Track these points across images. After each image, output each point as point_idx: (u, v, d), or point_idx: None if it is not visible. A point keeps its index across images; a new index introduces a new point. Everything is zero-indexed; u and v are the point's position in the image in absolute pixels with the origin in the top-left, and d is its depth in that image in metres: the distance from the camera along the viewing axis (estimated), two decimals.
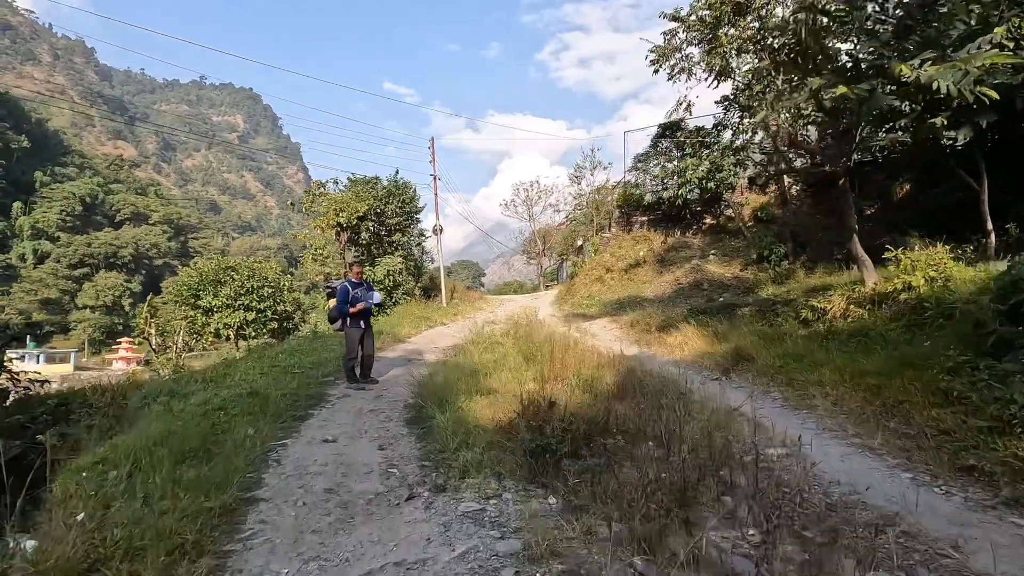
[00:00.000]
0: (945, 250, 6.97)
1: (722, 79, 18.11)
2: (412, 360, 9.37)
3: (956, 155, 12.37)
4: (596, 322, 15.45)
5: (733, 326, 10.28)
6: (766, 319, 10.51)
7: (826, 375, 6.24)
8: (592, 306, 19.42)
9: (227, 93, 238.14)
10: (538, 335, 10.86)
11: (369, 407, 6.06)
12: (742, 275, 16.87)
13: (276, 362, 8.32)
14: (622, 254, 21.76)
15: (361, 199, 18.24)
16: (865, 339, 6.95)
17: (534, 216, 38.81)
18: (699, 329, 10.85)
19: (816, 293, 9.50)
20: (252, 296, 18.03)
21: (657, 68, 18.12)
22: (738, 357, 8.11)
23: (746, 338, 8.91)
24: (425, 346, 11.30)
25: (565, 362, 7.76)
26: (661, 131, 20.80)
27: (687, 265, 18.47)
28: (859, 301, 8.06)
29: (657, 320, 12.51)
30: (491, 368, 7.74)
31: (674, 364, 8.95)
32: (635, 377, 7.34)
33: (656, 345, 10.77)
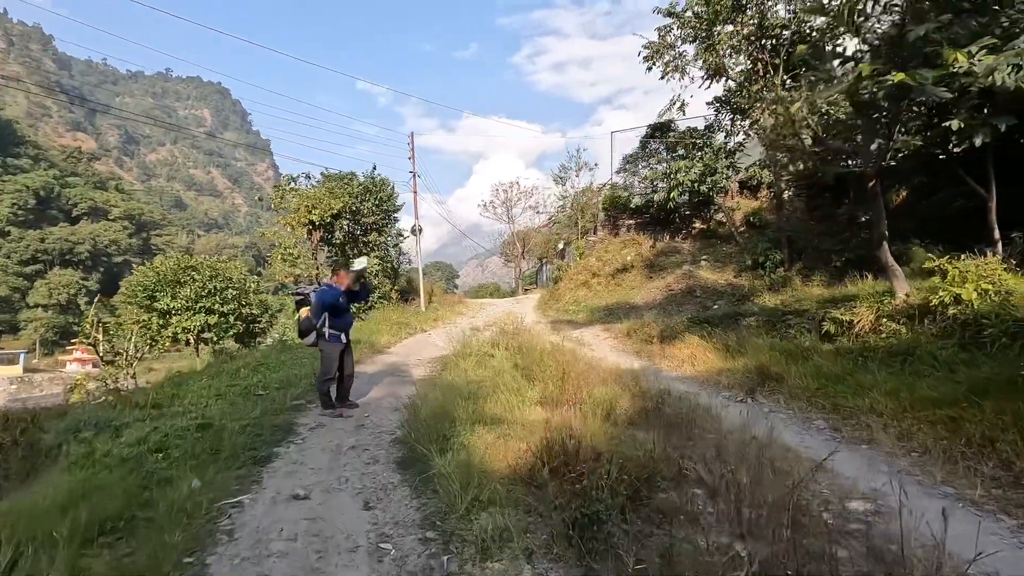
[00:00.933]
0: (997, 260, 6.28)
1: (716, 79, 17.54)
2: (395, 375, 8.30)
3: (962, 161, 11.89)
4: (587, 330, 14.58)
5: (742, 338, 9.51)
6: (777, 331, 9.79)
7: (880, 401, 5.45)
8: (579, 312, 18.58)
9: (194, 87, 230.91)
10: (532, 346, 9.94)
11: (349, 442, 4.99)
12: (736, 282, 16.24)
13: (236, 380, 7.14)
14: (609, 258, 21.00)
15: (336, 196, 17.02)
16: (912, 359, 6.20)
17: (513, 218, 37.94)
18: (705, 341, 10.07)
19: (835, 304, 8.79)
20: (215, 298, 16.63)
21: (650, 66, 17.43)
22: (762, 375, 7.29)
23: (764, 353, 8.13)
24: (407, 358, 10.22)
25: (571, 380, 6.83)
26: (651, 132, 20.12)
27: (678, 271, 17.77)
28: (891, 314, 7.35)
29: (656, 329, 11.70)
30: (488, 388, 6.75)
31: (687, 381, 8.12)
32: (651, 397, 6.48)
33: (660, 358, 9.93)
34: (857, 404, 5.59)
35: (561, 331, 14.75)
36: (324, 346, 6.13)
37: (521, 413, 5.75)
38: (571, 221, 24.35)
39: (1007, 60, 5.62)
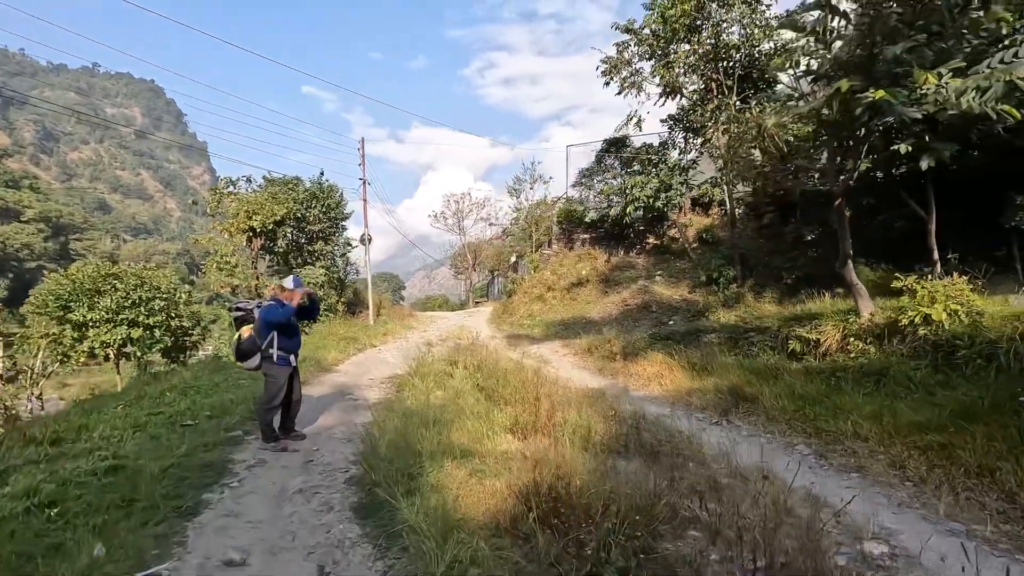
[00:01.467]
0: (963, 281, 6.33)
1: (671, 97, 17.78)
2: (346, 398, 7.55)
3: (904, 184, 12.38)
4: (545, 346, 14.19)
5: (707, 356, 9.36)
6: (739, 348, 9.72)
7: (862, 425, 5.27)
8: (535, 327, 18.21)
9: (124, 83, 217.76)
10: (493, 365, 9.42)
11: (296, 483, 4.28)
12: (691, 297, 16.34)
13: (160, 406, 6.20)
14: (564, 272, 20.81)
15: (279, 201, 15.97)
16: (886, 380, 6.12)
17: (465, 229, 37.37)
18: (668, 358, 9.86)
19: (798, 322, 8.76)
20: (139, 309, 15.14)
21: (608, 81, 17.48)
22: (735, 396, 7.07)
23: (733, 372, 7.95)
24: (358, 377, 9.44)
25: (541, 403, 6.35)
26: (606, 147, 20.17)
27: (634, 286, 17.75)
28: (858, 334, 7.32)
29: (619, 346, 11.43)
30: (451, 413, 6.17)
31: (657, 401, 7.82)
32: (626, 421, 6.10)
33: (625, 376, 9.63)
34: (840, 428, 5.39)
35: (518, 346, 14.30)
36: (270, 370, 5.38)
37: (492, 443, 5.21)
38: (525, 234, 24.07)
39: (976, 82, 5.64)
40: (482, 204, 36.69)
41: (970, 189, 12.63)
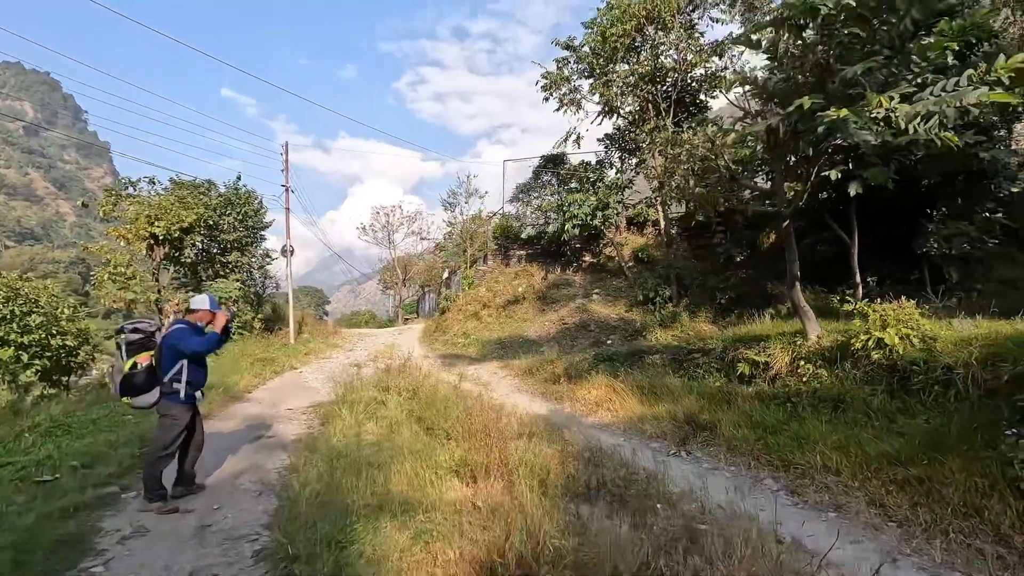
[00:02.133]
0: (912, 305, 6.33)
1: (608, 116, 17.86)
2: (259, 435, 6.47)
3: (829, 210, 12.91)
4: (483, 367, 13.49)
5: (652, 379, 9.05)
6: (684, 370, 9.49)
7: (830, 457, 4.99)
8: (470, 346, 17.48)
9: (12, 74, 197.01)
10: (431, 390, 8.63)
11: (186, 561, 3.30)
12: (628, 316, 16.27)
13: (12, 454, 4.87)
14: (500, 289, 20.27)
15: (188, 206, 14.35)
16: (843, 406, 5.94)
17: (394, 243, 36.06)
18: (614, 381, 9.47)
19: (744, 343, 8.63)
20: (10, 326, 12.95)
21: (547, 96, 17.31)
22: (692, 424, 6.71)
23: (685, 397, 7.64)
24: (275, 407, 8.30)
25: (488, 436, 5.67)
26: (544, 163, 19.98)
27: (571, 304, 17.48)
28: (808, 357, 7.20)
29: (561, 368, 10.95)
30: (387, 452, 5.34)
31: (608, 430, 7.33)
32: (582, 456, 5.54)
33: (570, 401, 9.12)
34: (808, 461, 5.08)
35: (454, 367, 13.51)
36: (171, 409, 4.39)
37: (437, 490, 4.45)
38: (459, 249, 23.36)
39: (925, 108, 5.64)
40: (413, 217, 35.64)
41: (885, 217, 13.33)
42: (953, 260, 12.54)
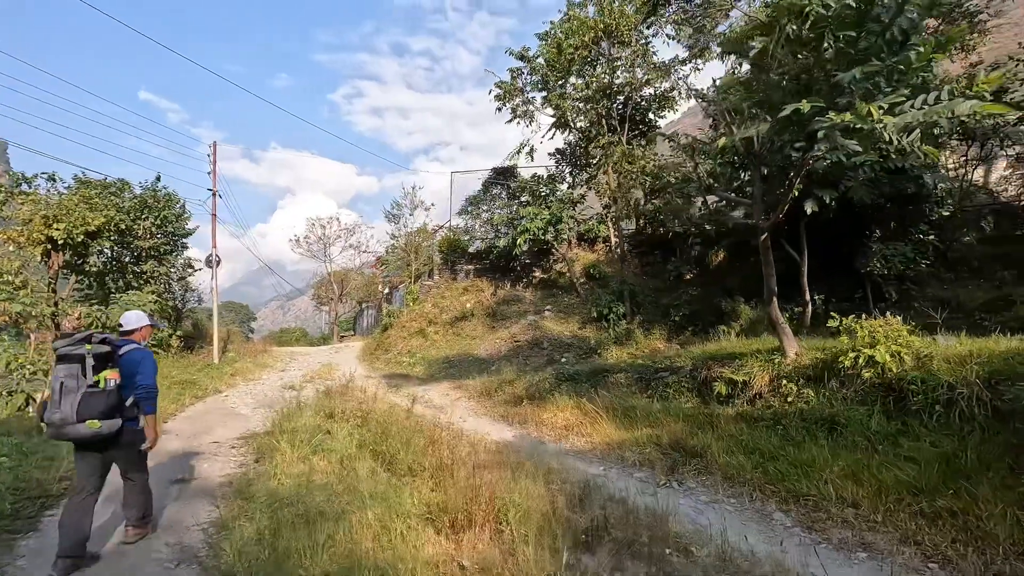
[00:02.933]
0: (898, 321, 6.14)
1: (561, 130, 17.61)
2: (177, 480, 5.29)
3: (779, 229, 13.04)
4: (433, 388, 12.54)
5: (619, 399, 8.55)
6: (652, 390, 9.06)
7: (842, 487, 4.57)
8: (415, 365, 16.44)
9: None
10: (382, 415, 7.70)
11: None
12: (581, 333, 15.85)
13: None
14: (446, 305, 19.38)
15: (96, 208, 12.62)
16: (838, 428, 5.61)
17: (331, 257, 34.25)
18: (581, 403, 8.89)
19: (717, 362, 8.29)
20: None
21: (500, 106, 16.84)
22: (678, 450, 6.18)
23: (665, 420, 7.14)
24: (197, 440, 7.03)
25: (460, 471, 4.89)
26: (494, 175, 19.44)
27: (523, 321, 16.87)
28: (789, 375, 6.91)
29: (522, 388, 10.25)
30: (341, 496, 4.41)
31: (587, 458, 6.68)
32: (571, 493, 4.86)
33: (536, 425, 8.42)
34: (818, 490, 4.64)
35: (401, 389, 12.49)
36: (137, 437, 3.84)
37: (410, 548, 3.60)
38: (403, 263, 22.28)
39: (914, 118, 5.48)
40: (351, 230, 34.07)
41: (827, 238, 13.65)
42: (891, 280, 13.00)
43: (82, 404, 3.48)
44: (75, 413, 3.46)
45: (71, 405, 3.47)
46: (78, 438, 3.52)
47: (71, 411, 3.46)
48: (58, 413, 3.44)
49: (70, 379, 3.51)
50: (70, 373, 3.52)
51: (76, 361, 3.57)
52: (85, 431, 3.48)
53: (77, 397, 3.49)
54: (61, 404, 3.46)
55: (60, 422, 3.43)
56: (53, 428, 3.48)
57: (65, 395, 3.48)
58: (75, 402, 3.48)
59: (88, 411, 3.50)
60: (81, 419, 3.47)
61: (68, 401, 3.47)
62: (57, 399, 3.47)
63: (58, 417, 3.42)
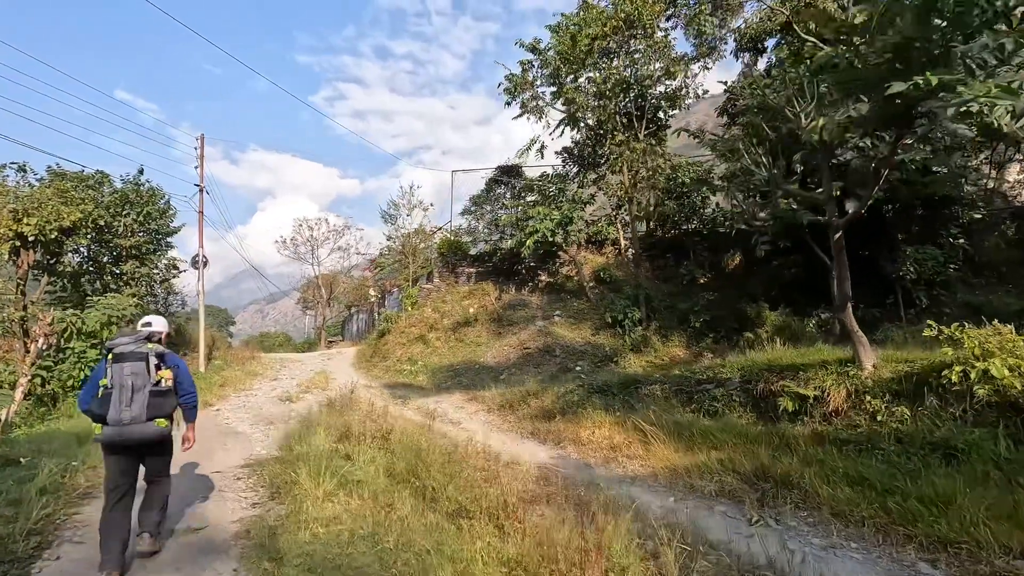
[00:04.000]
0: (1010, 330, 5.41)
1: (571, 126, 16.83)
2: (178, 527, 4.29)
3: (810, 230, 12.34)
4: (443, 399, 11.58)
5: (660, 413, 7.73)
6: (696, 403, 8.26)
7: (1007, 532, 3.78)
8: (418, 373, 15.45)
9: None
10: (406, 434, 6.79)
11: None
12: (594, 340, 15.04)
13: None
14: (448, 310, 18.42)
15: (71, 202, 11.45)
16: (954, 454, 4.84)
17: (319, 259, 32.96)
18: (615, 417, 8.08)
19: (776, 373, 7.52)
20: None
21: (510, 100, 16.00)
22: (762, 479, 5.36)
23: (730, 441, 6.32)
24: (196, 468, 6.00)
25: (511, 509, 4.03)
26: (499, 174, 18.58)
27: (532, 327, 16.00)
28: (871, 390, 6.15)
29: (550, 401, 9.37)
30: (395, 553, 3.48)
31: (644, 485, 5.83)
32: None
33: (573, 444, 7.56)
34: (972, 536, 3.84)
35: (409, 400, 11.53)
36: (171, 440, 3.92)
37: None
38: (400, 265, 21.27)
39: None
40: (340, 232, 32.86)
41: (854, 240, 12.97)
42: (920, 285, 12.43)
43: (152, 403, 3.48)
44: (145, 412, 3.44)
45: (141, 404, 3.43)
46: (143, 438, 3.47)
47: (141, 410, 3.43)
48: (128, 411, 3.39)
49: (137, 377, 3.47)
50: (136, 371, 3.48)
51: (140, 359, 3.53)
52: (153, 430, 3.50)
53: (145, 396, 3.46)
54: (132, 402, 3.41)
55: (130, 420, 3.38)
56: (118, 427, 3.38)
57: (135, 393, 3.44)
58: (144, 401, 3.45)
59: (157, 410, 3.52)
60: (151, 418, 3.47)
61: (138, 400, 3.43)
62: (128, 397, 3.41)
63: (128, 416, 3.37)
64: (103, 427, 3.43)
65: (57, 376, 10.40)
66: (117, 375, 3.45)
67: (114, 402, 3.40)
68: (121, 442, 3.45)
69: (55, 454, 5.34)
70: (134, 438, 3.44)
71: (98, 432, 3.46)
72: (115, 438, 3.42)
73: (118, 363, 3.49)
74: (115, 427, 3.40)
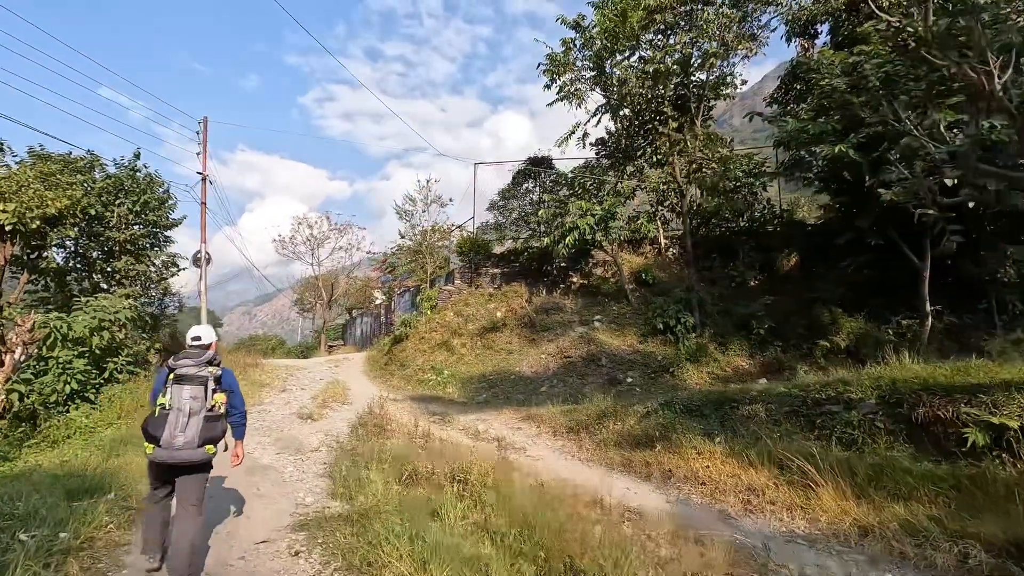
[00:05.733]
0: None
1: (612, 112, 15.42)
2: None
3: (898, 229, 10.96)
4: (489, 417, 10.06)
5: (788, 444, 6.30)
6: (819, 430, 6.83)
7: None
8: (446, 384, 13.91)
9: None
10: (482, 473, 5.32)
11: None
12: (642, 348, 13.59)
13: None
14: (471, 313, 16.89)
15: (56, 186, 9.82)
16: None
17: (319, 259, 31.21)
18: (723, 445, 6.67)
19: (942, 394, 6.10)
20: None
21: (550, 83, 14.55)
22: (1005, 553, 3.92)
23: (922, 487, 4.89)
24: (230, 531, 4.43)
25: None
26: (528, 166, 17.11)
27: (571, 333, 14.53)
28: None
29: (633, 425, 7.88)
30: None
31: (824, 548, 4.39)
32: None
33: (688, 483, 6.12)
34: None
35: (448, 418, 10.00)
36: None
37: None
38: (416, 265, 19.70)
39: None
40: (342, 230, 31.17)
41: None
42: (1015, 289, 11.18)
43: (205, 428, 3.46)
44: (198, 437, 3.43)
45: (195, 429, 3.43)
46: (189, 462, 3.44)
47: (195, 435, 3.42)
48: (182, 436, 3.40)
49: (195, 402, 3.48)
50: (195, 395, 3.49)
51: (201, 383, 3.53)
52: (202, 456, 3.47)
53: (199, 421, 3.45)
54: (187, 427, 3.42)
55: (183, 445, 3.38)
56: (168, 451, 3.38)
57: (191, 417, 3.44)
58: (199, 426, 3.44)
59: (209, 434, 3.48)
60: (202, 444, 3.44)
61: (193, 424, 3.44)
62: (184, 422, 3.41)
63: (181, 440, 3.37)
64: (155, 448, 3.39)
65: (38, 391, 8.78)
66: (177, 397, 3.45)
67: (169, 424, 3.39)
68: (170, 464, 3.44)
69: (33, 518, 3.77)
70: (178, 461, 3.42)
71: (149, 452, 3.42)
72: (166, 460, 3.41)
73: (178, 384, 3.47)
74: (166, 450, 3.38)
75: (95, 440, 7.34)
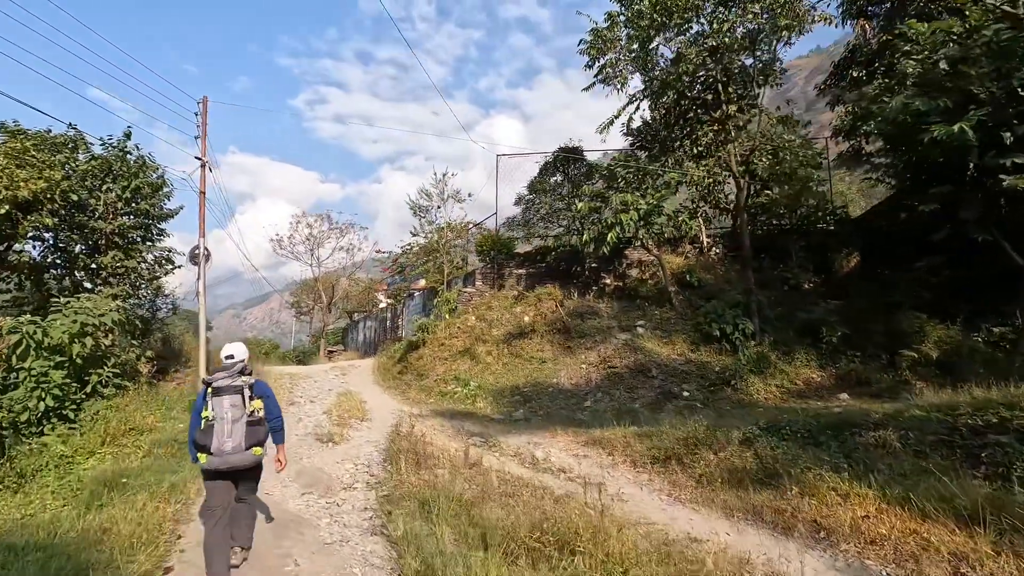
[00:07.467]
0: None
1: (652, 100, 14.08)
2: None
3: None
4: (542, 440, 8.58)
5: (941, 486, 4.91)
6: (987, 467, 5.44)
7: None
8: (474, 397, 12.45)
9: None
10: (587, 541, 3.86)
11: None
12: (695, 358, 12.19)
13: None
14: (495, 318, 15.44)
15: (31, 165, 8.29)
16: None
17: (319, 259, 29.60)
18: (875, 488, 5.26)
19: None
20: None
21: (591, 62, 13.14)
22: None
23: None
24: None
25: None
26: (558, 157, 15.71)
27: (612, 340, 13.12)
28: None
29: (733, 455, 6.45)
30: None
31: None
32: None
33: (848, 541, 4.69)
34: None
35: (492, 441, 8.54)
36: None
37: None
38: (432, 265, 18.21)
39: None
40: (343, 230, 29.61)
41: None
42: None
43: (248, 433, 3.70)
44: (244, 441, 3.66)
45: (240, 434, 3.66)
46: (241, 465, 3.70)
47: (241, 439, 3.66)
48: (230, 442, 3.62)
49: (235, 409, 3.70)
50: (234, 403, 3.71)
51: (237, 392, 3.74)
52: (252, 458, 3.72)
53: (243, 426, 3.68)
54: (232, 433, 3.65)
55: (232, 450, 3.60)
56: (221, 457, 3.61)
57: (235, 424, 3.66)
58: (243, 431, 3.68)
59: (254, 439, 3.72)
60: (249, 447, 3.69)
61: (237, 430, 3.66)
62: (228, 428, 3.63)
63: (230, 445, 3.60)
64: (208, 456, 3.60)
65: (7, 407, 7.27)
66: (218, 408, 3.67)
67: (216, 433, 3.62)
68: (225, 469, 3.66)
69: None
70: (230, 466, 3.64)
71: (203, 461, 3.60)
72: (220, 466, 3.63)
73: (218, 396, 3.69)
74: (219, 456, 3.61)
75: (72, 478, 5.80)
